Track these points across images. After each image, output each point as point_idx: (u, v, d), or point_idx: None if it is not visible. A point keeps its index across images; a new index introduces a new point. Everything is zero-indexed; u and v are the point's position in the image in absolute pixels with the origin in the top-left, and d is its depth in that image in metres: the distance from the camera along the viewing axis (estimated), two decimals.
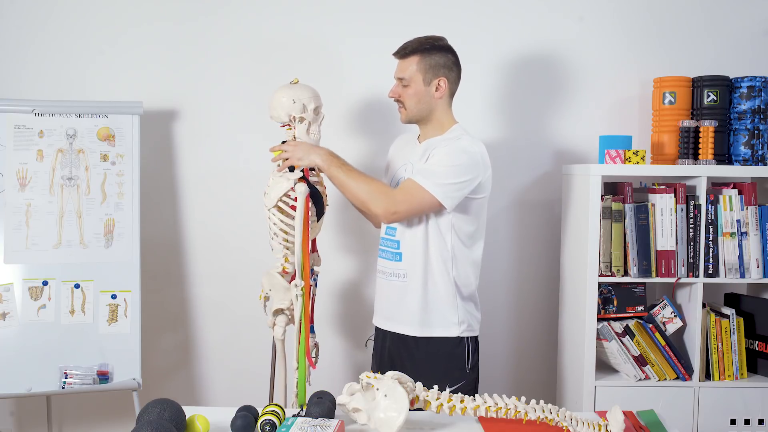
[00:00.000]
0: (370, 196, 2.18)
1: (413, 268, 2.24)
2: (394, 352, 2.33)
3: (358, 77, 2.89)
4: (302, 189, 2.20)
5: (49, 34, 2.87)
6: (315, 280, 2.41)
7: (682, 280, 2.54)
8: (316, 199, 2.26)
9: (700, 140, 2.57)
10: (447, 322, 2.25)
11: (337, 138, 2.83)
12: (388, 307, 2.33)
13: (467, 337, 2.27)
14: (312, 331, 2.42)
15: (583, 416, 1.70)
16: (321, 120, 2.29)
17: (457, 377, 2.24)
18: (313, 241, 2.42)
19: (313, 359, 2.44)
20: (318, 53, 2.88)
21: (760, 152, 2.61)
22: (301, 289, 2.22)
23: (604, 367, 2.65)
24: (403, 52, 2.25)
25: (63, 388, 2.56)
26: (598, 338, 2.57)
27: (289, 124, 2.27)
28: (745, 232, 2.55)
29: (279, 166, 2.26)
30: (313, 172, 2.29)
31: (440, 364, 2.25)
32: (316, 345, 2.44)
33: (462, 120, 2.41)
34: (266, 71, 2.84)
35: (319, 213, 2.29)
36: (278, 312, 2.30)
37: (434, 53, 2.24)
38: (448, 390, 2.15)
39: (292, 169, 2.23)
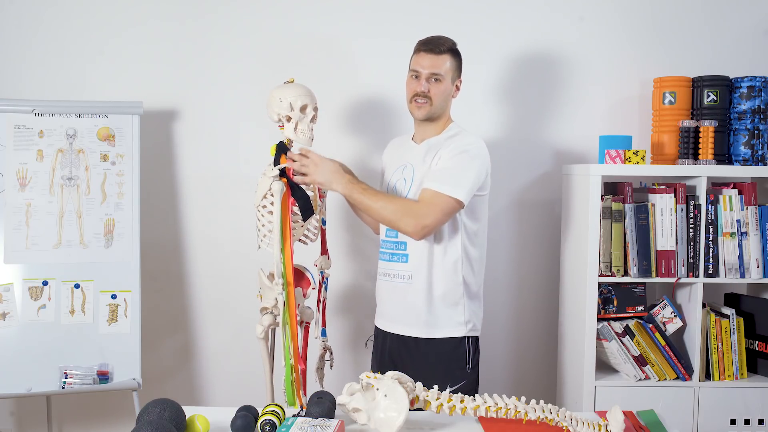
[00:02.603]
0: (397, 217, 2.16)
1: (419, 270, 2.24)
2: (395, 353, 2.33)
3: (357, 77, 2.89)
4: (278, 187, 2.21)
5: (49, 34, 2.87)
6: (326, 283, 2.41)
7: (682, 280, 2.54)
8: (300, 198, 2.25)
9: (700, 140, 2.57)
10: (453, 322, 2.26)
11: (335, 137, 2.84)
12: (391, 309, 2.33)
13: (468, 338, 2.28)
14: (323, 334, 2.42)
15: (583, 416, 1.70)
16: (310, 119, 2.28)
17: (458, 377, 2.25)
18: (323, 244, 2.42)
19: (327, 362, 2.45)
20: (318, 53, 2.88)
21: (760, 152, 2.61)
22: (282, 287, 2.22)
23: (604, 367, 2.65)
24: (439, 49, 2.24)
25: (63, 388, 2.56)
26: (598, 338, 2.56)
27: (281, 124, 2.29)
28: (745, 232, 2.55)
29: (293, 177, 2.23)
30: None
31: (441, 364, 2.25)
32: (327, 349, 2.45)
33: (463, 120, 2.41)
34: (266, 71, 2.84)
35: (306, 213, 2.27)
36: (264, 311, 2.31)
37: (458, 54, 2.31)
38: (448, 390, 2.15)
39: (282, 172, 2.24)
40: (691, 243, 2.53)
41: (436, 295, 2.24)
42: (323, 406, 1.71)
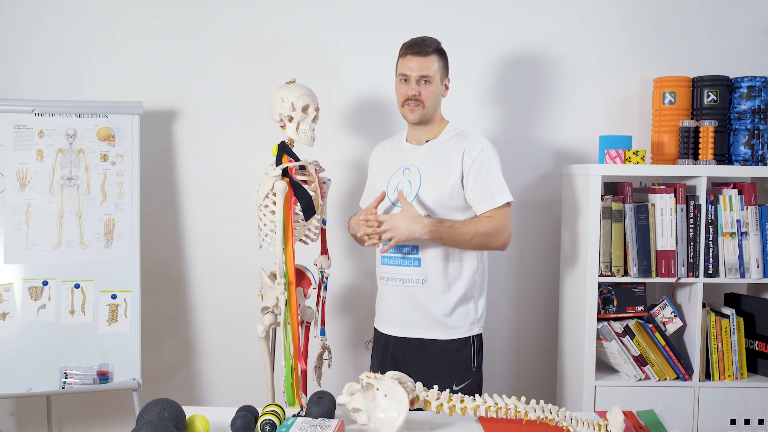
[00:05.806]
0: (488, 238, 2.20)
1: (435, 272, 2.24)
2: (398, 356, 2.32)
3: (357, 77, 2.89)
4: (281, 187, 2.21)
5: (49, 34, 2.87)
6: (325, 283, 2.41)
7: (682, 280, 2.54)
8: (302, 198, 2.25)
9: (700, 140, 2.57)
10: (467, 322, 2.27)
11: (332, 136, 2.84)
12: (403, 314, 2.29)
13: (473, 337, 2.28)
14: (322, 333, 2.42)
15: (583, 416, 1.70)
16: (312, 119, 2.29)
17: (463, 376, 2.25)
18: (323, 244, 2.42)
19: (326, 361, 2.45)
20: (316, 53, 2.87)
21: (760, 152, 2.61)
22: (284, 287, 2.21)
23: (604, 367, 2.65)
24: (426, 51, 2.24)
25: (63, 388, 2.56)
26: (598, 338, 2.57)
27: (283, 124, 2.29)
28: (745, 232, 2.55)
29: (382, 245, 2.22)
30: (303, 171, 2.29)
31: (447, 364, 2.25)
32: (326, 348, 2.45)
33: (462, 120, 2.41)
34: (266, 71, 2.84)
35: (308, 213, 2.27)
36: (265, 310, 2.31)
37: (444, 54, 2.31)
38: (454, 388, 2.16)
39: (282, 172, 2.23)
40: (691, 243, 2.53)
41: (454, 295, 2.25)
42: (323, 406, 1.71)
